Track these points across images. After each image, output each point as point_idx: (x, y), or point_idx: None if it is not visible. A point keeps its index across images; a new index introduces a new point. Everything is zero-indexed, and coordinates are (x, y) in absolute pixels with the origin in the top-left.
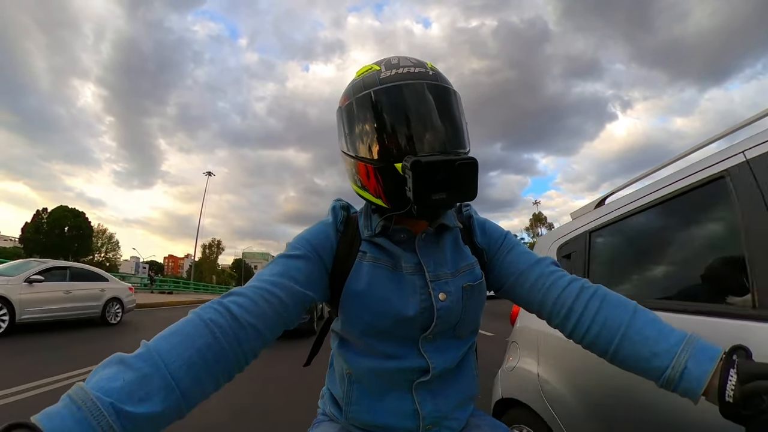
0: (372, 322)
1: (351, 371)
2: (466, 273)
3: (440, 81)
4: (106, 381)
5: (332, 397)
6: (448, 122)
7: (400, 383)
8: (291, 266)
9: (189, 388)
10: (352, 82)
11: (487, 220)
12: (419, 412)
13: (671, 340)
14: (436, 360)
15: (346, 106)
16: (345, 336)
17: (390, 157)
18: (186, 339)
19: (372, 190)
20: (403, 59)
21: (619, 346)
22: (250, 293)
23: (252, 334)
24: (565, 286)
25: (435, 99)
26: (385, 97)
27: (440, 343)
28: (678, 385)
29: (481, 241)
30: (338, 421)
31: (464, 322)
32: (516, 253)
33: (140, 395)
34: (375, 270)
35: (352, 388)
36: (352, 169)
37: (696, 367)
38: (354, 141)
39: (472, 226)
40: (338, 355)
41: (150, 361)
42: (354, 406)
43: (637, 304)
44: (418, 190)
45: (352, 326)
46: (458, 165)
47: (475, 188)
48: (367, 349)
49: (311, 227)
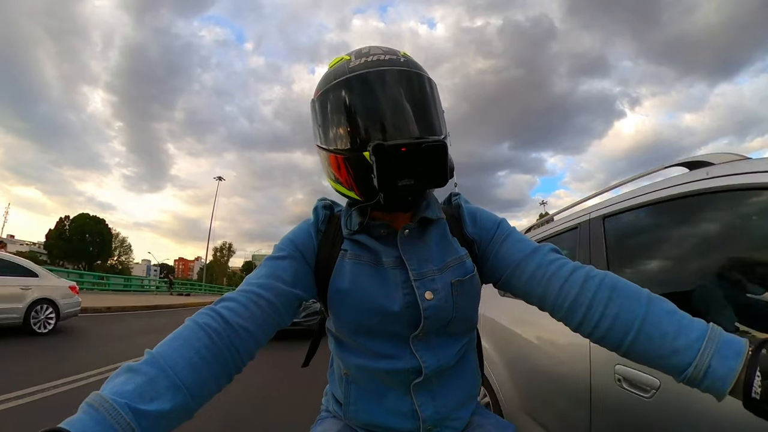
0: (359, 320)
1: (348, 371)
2: (455, 267)
3: (411, 67)
4: (118, 386)
5: (334, 395)
6: (419, 108)
7: (396, 384)
8: (277, 267)
9: (194, 387)
10: (324, 74)
11: (479, 209)
12: (419, 413)
13: (692, 334)
14: (429, 360)
15: (317, 98)
16: (338, 335)
17: (358, 146)
18: (185, 343)
19: (344, 182)
20: (374, 48)
21: (634, 341)
22: (240, 298)
23: (245, 337)
24: (567, 276)
25: (404, 85)
26: (352, 85)
27: (433, 341)
28: (701, 384)
29: (471, 231)
30: (341, 418)
31: (457, 320)
32: (511, 242)
33: (151, 395)
34: (357, 267)
35: (350, 389)
36: (326, 162)
37: (721, 365)
38: (325, 132)
39: (462, 216)
40: (335, 355)
41: (156, 365)
42: (353, 406)
43: (650, 292)
44: (382, 175)
45: (342, 325)
46: (425, 147)
47: (444, 173)
48: (360, 349)
49: (294, 228)
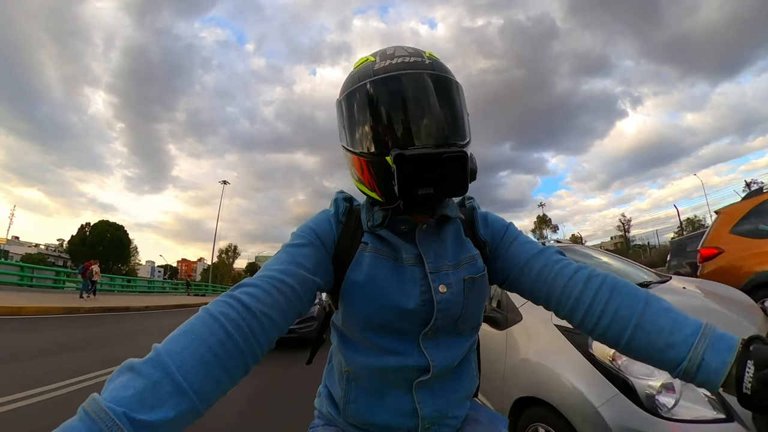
0: (371, 315)
1: (350, 369)
2: (468, 265)
3: (437, 70)
4: (118, 390)
5: (330, 395)
6: (444, 113)
7: (399, 382)
8: (298, 254)
9: (204, 389)
10: (349, 75)
11: (489, 212)
12: (419, 411)
13: (686, 330)
14: (438, 358)
15: (342, 98)
16: (345, 330)
17: (381, 149)
18: (197, 338)
19: (367, 183)
20: (399, 49)
21: (632, 337)
22: (261, 283)
23: (266, 324)
24: (571, 275)
25: (429, 89)
26: (376, 88)
27: (441, 340)
28: (695, 377)
29: (483, 233)
30: (336, 422)
31: (466, 317)
32: (518, 244)
33: (152, 402)
34: (376, 261)
35: (351, 387)
36: (349, 162)
37: (713, 359)
38: (349, 134)
39: (475, 219)
40: (337, 352)
41: (160, 366)
42: (352, 404)
43: (649, 291)
44: (402, 184)
45: (351, 319)
46: (445, 158)
47: (465, 183)
48: (366, 345)
49: (314, 216)
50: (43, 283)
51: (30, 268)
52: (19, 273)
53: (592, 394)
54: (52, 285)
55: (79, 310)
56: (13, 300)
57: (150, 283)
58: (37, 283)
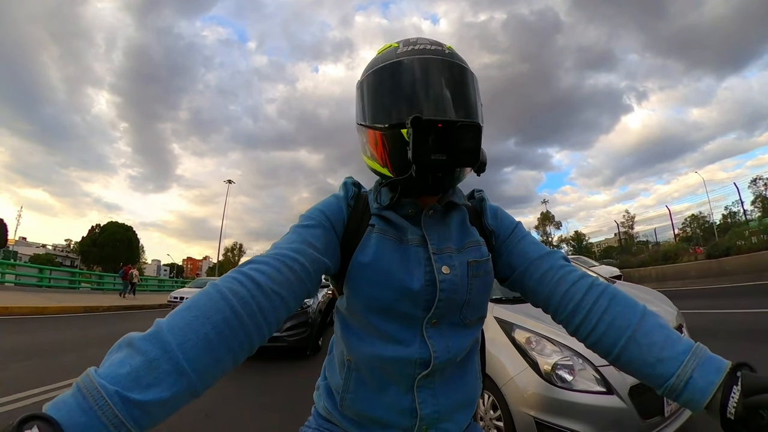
0: (376, 295)
1: (351, 358)
2: (472, 249)
3: (455, 59)
4: (114, 367)
5: (328, 387)
6: (458, 94)
7: (400, 378)
8: (308, 234)
9: (204, 368)
10: (372, 59)
11: (500, 208)
12: (418, 411)
13: (678, 347)
14: (440, 348)
15: (364, 78)
16: (348, 316)
17: (397, 122)
18: (202, 314)
19: (379, 158)
20: (421, 39)
21: (624, 348)
22: (273, 261)
23: (277, 303)
24: (574, 282)
25: (446, 73)
26: (397, 68)
27: (445, 329)
28: (681, 395)
29: (491, 222)
30: (331, 418)
31: (471, 304)
32: (526, 243)
33: (147, 381)
34: (382, 242)
35: (351, 376)
36: (363, 139)
37: (701, 379)
38: (367, 111)
39: (483, 208)
40: (339, 339)
41: (159, 343)
42: (351, 394)
43: (646, 306)
44: (417, 147)
45: (356, 300)
46: (460, 126)
47: (477, 152)
48: (369, 331)
49: (323, 200)
50: (60, 283)
51: (48, 269)
52: (38, 275)
53: (511, 366)
54: (68, 285)
55: (98, 308)
56: (35, 300)
57: (160, 281)
58: (54, 284)
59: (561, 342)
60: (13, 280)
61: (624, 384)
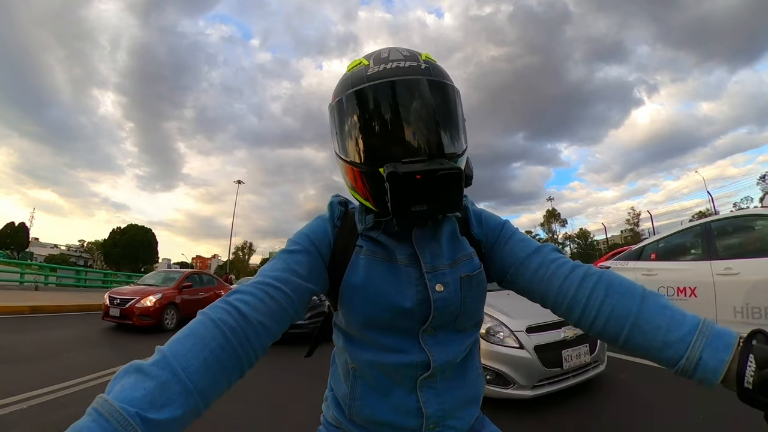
0: (371, 315)
1: (356, 366)
2: (464, 263)
3: (434, 75)
4: (128, 391)
5: (335, 398)
6: (440, 122)
7: (403, 380)
8: (292, 261)
9: (206, 389)
10: (342, 78)
11: (484, 210)
12: (423, 410)
13: (684, 328)
14: (438, 353)
15: (334, 104)
16: (347, 330)
17: (375, 161)
18: (200, 341)
19: (360, 192)
20: (393, 51)
21: (629, 336)
22: (256, 290)
23: (260, 331)
24: (567, 275)
25: (425, 96)
26: (370, 95)
27: (441, 336)
28: (694, 375)
29: (477, 231)
30: (341, 426)
31: (465, 315)
32: (514, 241)
33: (161, 402)
34: (371, 263)
35: (357, 384)
36: (343, 171)
37: (711, 357)
38: (341, 142)
39: (468, 218)
40: (342, 350)
41: (167, 368)
42: (358, 401)
43: (645, 288)
44: (396, 201)
45: (352, 320)
46: (439, 176)
47: (459, 200)
48: (368, 343)
49: (309, 223)
50: (95, 284)
51: (84, 270)
52: (75, 276)
53: None
54: (101, 285)
55: None
56: (78, 299)
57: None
58: (89, 284)
59: (491, 315)
60: (55, 282)
61: (531, 343)
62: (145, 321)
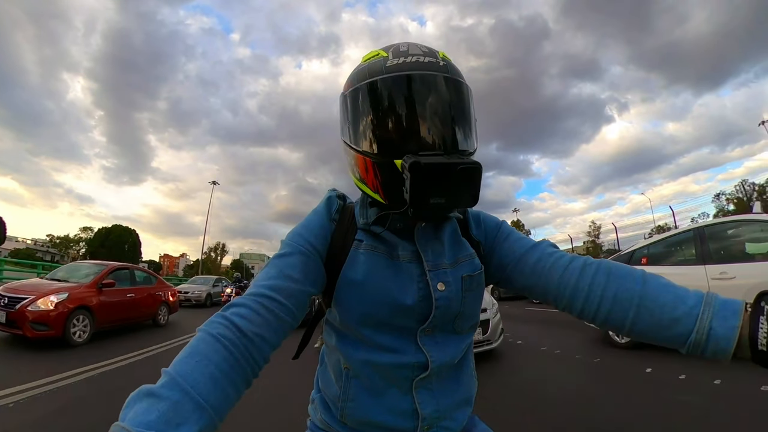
0: (369, 312)
1: (349, 366)
2: (465, 263)
3: (451, 73)
4: (142, 416)
5: (323, 400)
6: (456, 119)
7: (399, 381)
8: (285, 266)
9: (218, 404)
10: (358, 68)
11: (481, 212)
12: (419, 412)
13: (689, 302)
14: (435, 354)
15: (349, 92)
16: (341, 328)
17: (390, 152)
18: (204, 358)
19: (370, 184)
20: (412, 46)
21: (636, 318)
22: (251, 303)
23: (259, 343)
24: (566, 265)
25: (443, 92)
26: (389, 87)
27: (439, 337)
28: (707, 348)
29: (476, 233)
30: (331, 429)
31: (464, 315)
32: (512, 240)
33: (177, 421)
34: (372, 258)
35: (350, 384)
36: (351, 160)
37: (721, 326)
38: (354, 131)
39: (467, 219)
40: (334, 349)
41: (177, 387)
42: (351, 402)
43: (645, 270)
44: (415, 192)
45: (347, 316)
46: (461, 169)
47: (476, 194)
48: (364, 341)
49: (304, 219)
50: None
51: None
52: None
53: None
54: None
55: None
56: None
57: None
58: None
59: None
60: None
61: None
62: (41, 331)
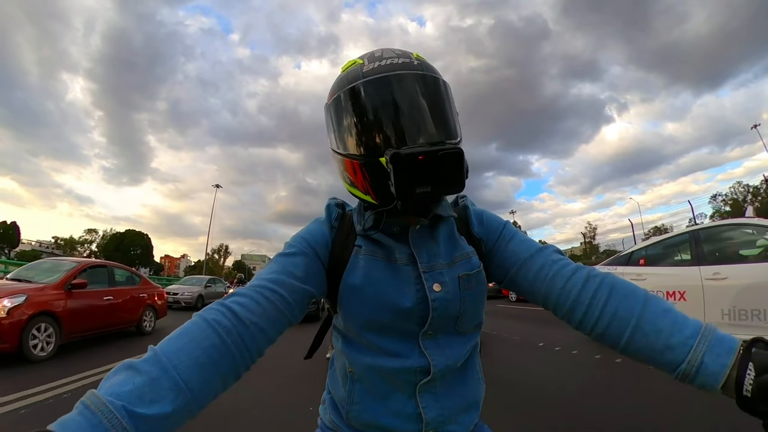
0: (370, 316)
1: (353, 369)
2: (462, 263)
3: (425, 70)
4: (117, 386)
5: (332, 401)
6: (434, 112)
7: (402, 385)
8: (289, 263)
9: (198, 388)
10: (338, 78)
11: (486, 210)
12: (423, 416)
13: (686, 331)
14: (438, 357)
15: (331, 102)
16: (346, 332)
17: (375, 151)
18: (192, 340)
19: (360, 186)
20: (386, 51)
21: (631, 338)
22: (252, 293)
23: (256, 333)
24: (570, 276)
25: (419, 89)
26: (367, 90)
27: (441, 339)
28: (695, 380)
29: (478, 230)
30: (339, 430)
31: (465, 315)
32: (516, 242)
33: (150, 397)
34: (370, 263)
35: (355, 387)
36: (341, 167)
37: (713, 362)
38: (340, 137)
39: (468, 216)
40: (340, 353)
41: (158, 364)
42: (356, 405)
43: (648, 291)
44: (400, 183)
45: (351, 321)
46: (441, 155)
47: (462, 179)
48: (368, 346)
49: (307, 226)
50: None
51: None
52: None
53: None
54: None
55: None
56: None
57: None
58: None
59: None
60: None
61: None
62: None
